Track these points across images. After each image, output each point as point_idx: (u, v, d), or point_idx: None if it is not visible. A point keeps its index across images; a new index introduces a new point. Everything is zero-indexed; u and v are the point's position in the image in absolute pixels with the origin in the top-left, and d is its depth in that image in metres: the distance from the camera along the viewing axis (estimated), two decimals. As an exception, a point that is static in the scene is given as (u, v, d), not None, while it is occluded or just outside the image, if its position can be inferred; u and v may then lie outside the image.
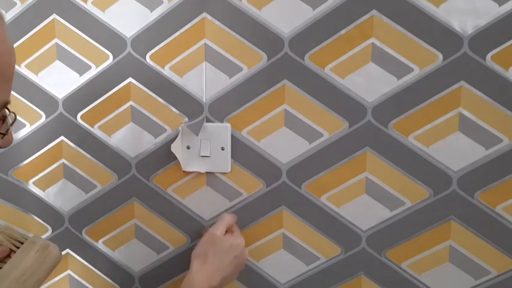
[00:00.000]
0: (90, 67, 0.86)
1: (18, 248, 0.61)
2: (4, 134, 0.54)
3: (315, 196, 0.81)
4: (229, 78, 0.81)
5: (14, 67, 0.48)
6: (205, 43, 0.81)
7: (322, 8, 0.75)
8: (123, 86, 0.85)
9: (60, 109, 0.88)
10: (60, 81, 0.87)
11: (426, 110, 0.74)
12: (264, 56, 0.79)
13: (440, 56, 0.73)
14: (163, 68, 0.83)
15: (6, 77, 0.47)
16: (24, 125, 0.90)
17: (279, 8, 0.77)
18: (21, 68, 0.88)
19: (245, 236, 0.84)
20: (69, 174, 0.90)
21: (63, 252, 0.93)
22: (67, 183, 0.91)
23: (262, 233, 0.84)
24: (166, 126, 0.85)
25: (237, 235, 0.79)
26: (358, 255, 0.81)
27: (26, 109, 0.90)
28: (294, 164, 0.80)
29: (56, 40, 0.87)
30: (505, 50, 0.70)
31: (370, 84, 0.76)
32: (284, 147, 0.80)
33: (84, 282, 0.94)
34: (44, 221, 0.93)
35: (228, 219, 0.80)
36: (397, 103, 0.75)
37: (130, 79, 0.85)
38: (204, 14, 0.80)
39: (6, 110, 0.52)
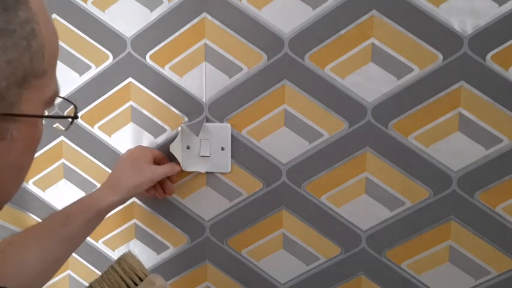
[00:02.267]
0: (90, 67, 0.86)
1: (134, 283, 0.57)
2: (73, 118, 0.50)
3: (315, 196, 0.81)
4: (229, 78, 0.81)
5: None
6: (205, 43, 0.81)
7: (322, 8, 0.75)
8: (123, 86, 0.85)
9: (60, 109, 0.88)
10: (60, 81, 0.87)
11: (426, 110, 0.74)
12: (264, 56, 0.79)
13: (440, 56, 0.73)
14: (163, 68, 0.83)
15: (56, 58, 0.46)
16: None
17: (279, 8, 0.77)
18: (21, 68, 0.88)
19: (245, 236, 0.84)
20: (69, 174, 0.90)
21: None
22: (67, 183, 0.91)
23: (262, 233, 0.84)
24: (166, 126, 0.85)
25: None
26: (358, 255, 0.81)
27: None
28: (294, 164, 0.80)
29: (56, 40, 0.87)
30: (505, 50, 0.70)
31: (370, 84, 0.76)
32: (284, 147, 0.80)
33: (84, 282, 0.94)
34: (44, 221, 0.93)
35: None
36: (397, 103, 0.75)
37: (130, 79, 0.85)
38: (204, 14, 0.80)
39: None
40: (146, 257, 0.90)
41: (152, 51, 0.83)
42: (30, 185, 0.92)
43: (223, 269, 0.87)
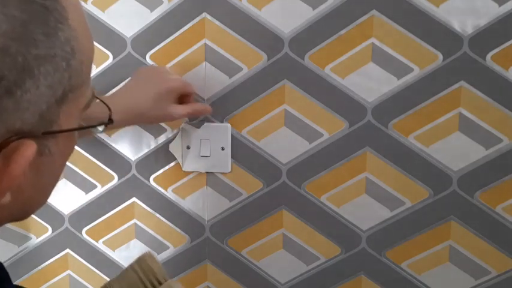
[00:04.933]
0: (90, 67, 0.86)
1: (152, 285, 0.55)
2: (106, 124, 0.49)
3: (315, 196, 0.81)
4: (229, 78, 0.80)
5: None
6: (205, 43, 0.81)
7: (322, 8, 0.75)
8: (123, 86, 0.85)
9: (60, 109, 0.88)
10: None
11: (426, 110, 0.74)
12: (264, 56, 0.79)
13: (440, 56, 0.73)
14: (163, 68, 0.83)
15: (91, 64, 0.44)
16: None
17: (279, 8, 0.77)
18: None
19: (245, 236, 0.84)
20: (69, 174, 0.90)
21: (63, 252, 0.93)
22: (67, 183, 0.91)
23: (262, 233, 0.84)
24: (166, 126, 0.85)
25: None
26: (358, 255, 0.81)
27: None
28: (294, 164, 0.80)
29: (56, 40, 0.86)
30: (505, 50, 0.70)
31: (370, 84, 0.76)
32: (284, 147, 0.80)
33: (84, 282, 0.94)
34: (44, 221, 0.93)
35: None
36: (397, 103, 0.75)
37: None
38: (204, 14, 0.80)
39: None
40: (146, 257, 0.90)
41: (152, 51, 0.83)
42: (30, 185, 0.92)
43: (223, 269, 0.87)
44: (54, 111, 0.37)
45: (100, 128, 0.49)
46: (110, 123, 0.48)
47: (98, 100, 0.48)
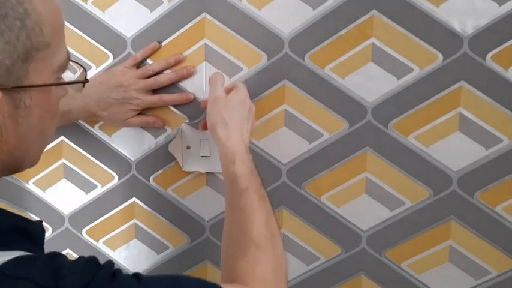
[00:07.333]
0: (90, 67, 0.86)
1: None
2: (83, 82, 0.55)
3: (315, 196, 0.81)
4: (230, 78, 0.80)
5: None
6: (205, 43, 0.81)
7: (322, 8, 0.75)
8: (123, 86, 0.85)
9: (60, 109, 0.88)
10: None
11: (426, 110, 0.74)
12: (264, 56, 0.79)
13: (440, 56, 0.73)
14: (163, 68, 0.83)
15: (60, 31, 0.50)
16: (24, 125, 0.90)
17: (279, 8, 0.77)
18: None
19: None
20: (69, 174, 0.90)
21: (63, 253, 0.93)
22: (67, 183, 0.91)
23: (262, 233, 0.84)
24: (166, 126, 0.85)
25: (239, 90, 0.73)
26: (358, 255, 0.81)
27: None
28: (294, 164, 0.80)
29: (56, 40, 0.86)
30: (505, 50, 0.70)
31: (370, 84, 0.76)
32: (284, 147, 0.80)
33: (84, 282, 0.94)
34: (44, 221, 0.92)
35: (219, 77, 0.74)
36: (397, 103, 0.75)
37: (130, 79, 0.85)
38: (204, 14, 0.80)
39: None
40: (146, 257, 0.90)
41: (152, 51, 0.83)
42: (30, 185, 0.92)
43: (223, 269, 0.87)
44: (20, 68, 0.44)
45: (78, 91, 0.55)
46: (85, 82, 0.54)
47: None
